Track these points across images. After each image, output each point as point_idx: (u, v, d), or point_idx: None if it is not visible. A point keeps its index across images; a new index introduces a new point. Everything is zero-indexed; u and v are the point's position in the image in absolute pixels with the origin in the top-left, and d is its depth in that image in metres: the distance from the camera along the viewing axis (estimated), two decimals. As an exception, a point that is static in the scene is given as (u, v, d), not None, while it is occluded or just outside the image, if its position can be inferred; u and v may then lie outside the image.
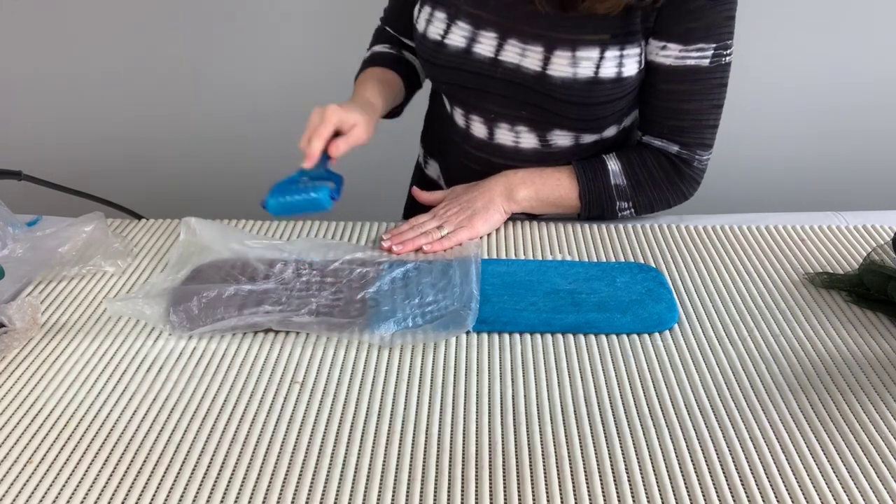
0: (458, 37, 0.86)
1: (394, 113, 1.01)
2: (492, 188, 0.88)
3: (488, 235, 0.87)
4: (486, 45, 0.85)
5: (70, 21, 1.38)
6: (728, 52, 0.82)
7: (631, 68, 0.82)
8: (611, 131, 0.91)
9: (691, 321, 0.72)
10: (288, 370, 0.65)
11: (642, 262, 0.82)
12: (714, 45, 0.81)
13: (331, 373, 0.64)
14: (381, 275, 0.76)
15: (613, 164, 0.88)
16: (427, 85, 1.08)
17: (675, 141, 0.87)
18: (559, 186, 0.88)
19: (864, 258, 0.78)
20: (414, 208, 1.08)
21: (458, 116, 0.94)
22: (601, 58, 0.81)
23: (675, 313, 0.72)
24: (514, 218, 0.91)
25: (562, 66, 0.82)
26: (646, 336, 0.69)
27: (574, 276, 0.78)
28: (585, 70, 0.81)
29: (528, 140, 0.90)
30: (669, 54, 0.81)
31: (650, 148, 0.88)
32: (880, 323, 0.71)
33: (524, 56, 0.83)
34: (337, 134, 0.81)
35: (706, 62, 0.81)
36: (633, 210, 0.89)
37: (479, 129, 0.92)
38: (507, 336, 0.69)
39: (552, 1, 0.80)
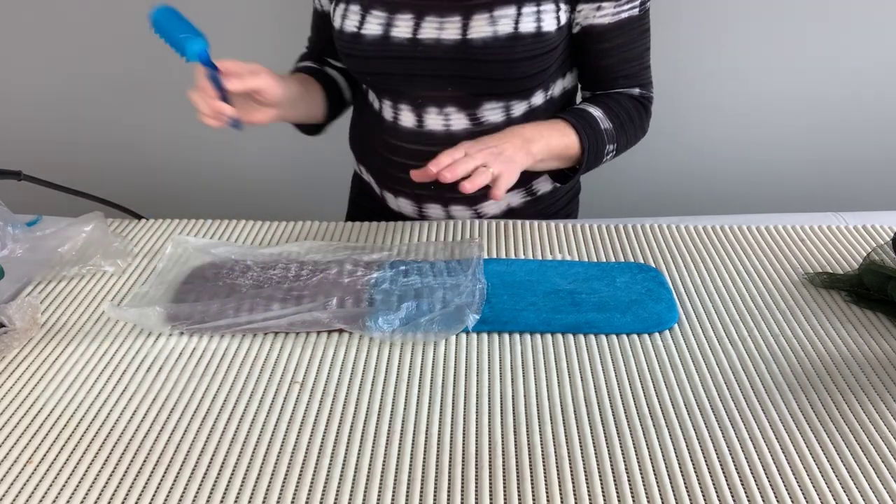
0: (373, 25, 0.87)
1: (316, 128, 1.01)
2: (512, 139, 0.81)
3: (488, 235, 0.88)
4: (402, 27, 0.86)
5: (70, 20, 1.38)
6: None
7: (549, 24, 0.85)
8: (538, 98, 0.91)
9: (691, 321, 0.72)
10: (288, 370, 0.65)
11: (642, 262, 0.82)
12: None
13: (331, 373, 0.64)
14: (382, 274, 0.76)
15: (595, 111, 0.89)
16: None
17: (631, 86, 0.92)
18: (564, 136, 0.86)
19: (864, 258, 0.78)
20: (356, 215, 1.11)
21: (387, 109, 0.93)
22: (519, 13, 0.84)
23: (675, 313, 0.72)
24: (513, 217, 0.90)
25: (481, 27, 0.84)
26: (646, 336, 0.69)
27: (574, 276, 0.78)
28: (504, 27, 0.84)
29: (458, 121, 0.90)
30: (606, 13, 0.86)
31: (616, 92, 0.92)
32: (880, 323, 0.72)
33: (442, 29, 0.85)
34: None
35: (637, 11, 0.87)
36: (614, 152, 0.91)
37: (407, 118, 0.92)
38: (507, 336, 0.69)
39: None
